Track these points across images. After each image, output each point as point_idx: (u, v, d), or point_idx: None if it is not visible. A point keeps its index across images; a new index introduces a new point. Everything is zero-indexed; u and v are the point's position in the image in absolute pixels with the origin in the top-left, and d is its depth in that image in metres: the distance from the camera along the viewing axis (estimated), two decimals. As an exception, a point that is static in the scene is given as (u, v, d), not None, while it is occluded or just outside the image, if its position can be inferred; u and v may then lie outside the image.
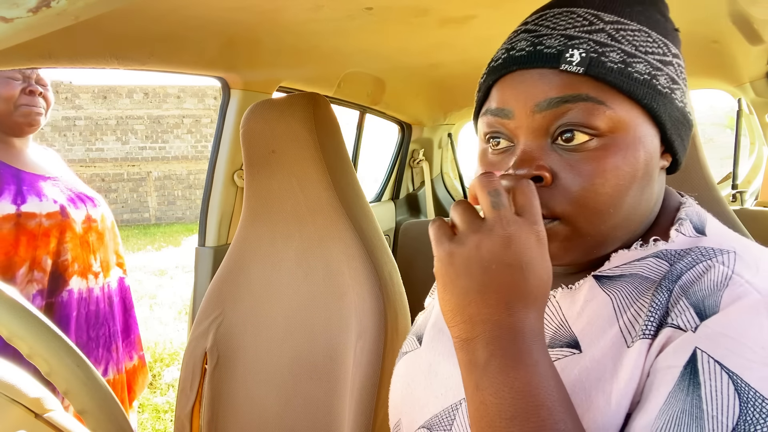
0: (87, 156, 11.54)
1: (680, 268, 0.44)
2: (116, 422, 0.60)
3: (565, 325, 0.48)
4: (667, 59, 0.47)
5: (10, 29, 0.39)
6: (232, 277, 1.16)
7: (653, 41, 0.46)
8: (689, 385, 0.37)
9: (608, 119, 0.44)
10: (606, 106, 0.44)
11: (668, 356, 0.40)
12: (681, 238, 0.47)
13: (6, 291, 0.59)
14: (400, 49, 1.46)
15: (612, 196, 0.44)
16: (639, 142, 0.45)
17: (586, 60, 0.44)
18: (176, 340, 3.89)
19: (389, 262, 1.07)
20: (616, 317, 0.44)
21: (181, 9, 0.96)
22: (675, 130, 0.48)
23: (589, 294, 0.48)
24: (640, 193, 0.46)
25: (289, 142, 1.07)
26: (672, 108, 0.47)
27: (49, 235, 1.27)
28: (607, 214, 0.45)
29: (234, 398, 1.13)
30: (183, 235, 9.64)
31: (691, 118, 0.50)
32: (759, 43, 1.41)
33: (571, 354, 0.45)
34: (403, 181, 2.71)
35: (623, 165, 0.44)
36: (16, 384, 0.59)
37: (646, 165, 0.46)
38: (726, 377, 0.36)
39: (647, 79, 0.45)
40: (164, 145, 11.85)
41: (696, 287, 0.41)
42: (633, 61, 0.45)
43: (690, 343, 0.39)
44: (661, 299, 0.42)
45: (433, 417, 0.54)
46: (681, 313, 0.40)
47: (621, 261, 0.48)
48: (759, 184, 2.26)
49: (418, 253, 2.22)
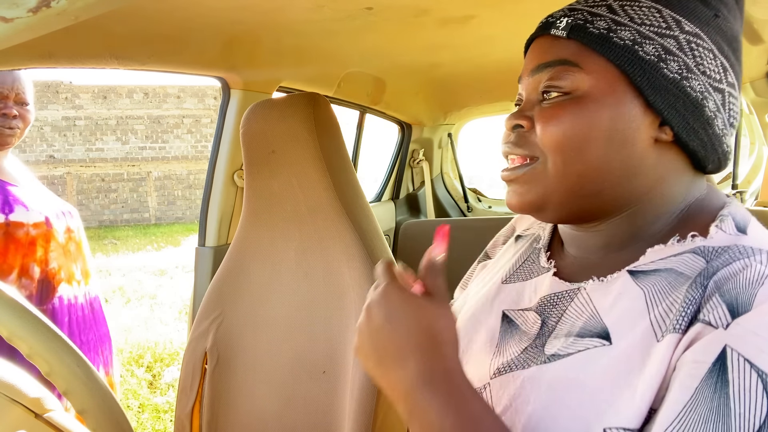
0: (87, 156, 11.54)
1: (717, 265, 0.44)
2: (116, 422, 0.60)
3: (596, 316, 0.48)
4: (668, 32, 0.48)
5: (10, 29, 0.39)
6: (232, 277, 1.16)
7: (659, 16, 0.48)
8: (717, 382, 0.37)
9: (575, 80, 0.50)
10: (578, 67, 0.50)
11: (697, 352, 0.40)
12: (720, 235, 0.47)
13: (6, 291, 0.59)
14: (400, 49, 1.46)
15: (571, 138, 0.49)
16: (607, 101, 0.49)
17: (569, 26, 0.51)
18: (176, 340, 3.89)
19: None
20: (647, 310, 0.45)
21: (181, 9, 0.96)
22: (663, 100, 0.48)
23: (622, 288, 0.48)
24: (610, 149, 0.49)
25: (289, 142, 1.07)
26: (657, 76, 0.48)
27: (36, 243, 1.31)
28: (570, 158, 0.50)
29: (234, 398, 1.13)
30: (183, 235, 9.64)
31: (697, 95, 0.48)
32: (759, 43, 1.41)
33: (601, 345, 0.45)
34: (403, 181, 2.71)
35: (583, 113, 0.49)
36: (16, 384, 0.59)
37: (612, 123, 0.49)
38: (755, 376, 0.36)
39: (629, 45, 0.48)
40: (164, 145, 11.85)
41: (731, 284, 0.41)
42: (619, 28, 0.49)
43: (720, 340, 0.39)
44: (695, 295, 0.42)
45: None
46: (713, 309, 0.40)
47: (657, 256, 0.48)
48: (759, 184, 2.26)
49: (418, 253, 2.21)
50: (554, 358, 0.48)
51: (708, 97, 0.48)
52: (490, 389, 0.52)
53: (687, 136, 0.49)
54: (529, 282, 0.59)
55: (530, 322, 0.54)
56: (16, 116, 1.34)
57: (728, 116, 0.50)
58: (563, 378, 0.46)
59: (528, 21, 1.27)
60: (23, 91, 1.35)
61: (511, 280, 0.61)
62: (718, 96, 0.49)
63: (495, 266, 0.69)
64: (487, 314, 0.60)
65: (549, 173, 0.51)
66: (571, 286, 0.53)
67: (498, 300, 0.60)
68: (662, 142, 0.50)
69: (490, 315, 0.59)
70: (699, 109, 0.48)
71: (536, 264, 0.60)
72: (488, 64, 1.71)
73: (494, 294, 0.61)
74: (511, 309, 0.58)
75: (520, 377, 0.49)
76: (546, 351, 0.50)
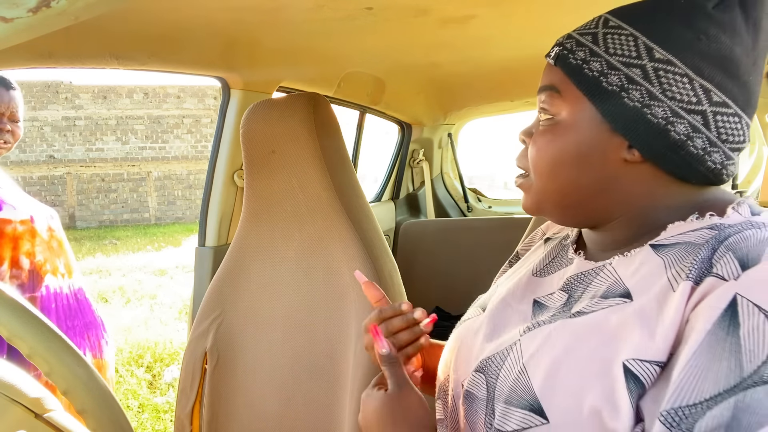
0: (87, 156, 11.54)
1: (728, 232, 0.48)
2: (116, 422, 0.60)
3: (620, 282, 0.52)
4: (636, 62, 0.52)
5: (10, 29, 0.39)
6: (232, 277, 1.16)
7: (634, 45, 0.52)
8: (729, 325, 0.41)
9: (555, 105, 0.56)
10: (559, 94, 0.56)
11: (711, 300, 0.44)
12: (736, 215, 0.51)
13: (6, 291, 0.59)
14: (400, 49, 1.46)
15: (545, 162, 0.57)
16: (575, 127, 0.55)
17: (556, 55, 0.57)
18: (176, 340, 3.89)
19: (389, 262, 1.07)
20: (665, 271, 0.49)
21: (181, 9, 0.96)
22: (624, 127, 0.53)
23: (644, 258, 0.52)
24: (579, 170, 0.56)
25: (289, 142, 1.07)
26: (618, 106, 0.52)
27: (23, 238, 1.45)
28: (545, 178, 0.58)
29: (234, 398, 1.13)
30: (183, 235, 9.65)
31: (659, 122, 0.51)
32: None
33: (623, 302, 0.50)
34: (403, 181, 2.71)
35: (555, 140, 0.56)
36: (16, 384, 0.59)
37: (579, 147, 0.55)
38: (763, 317, 0.40)
39: (595, 76, 0.53)
40: (164, 145, 11.85)
41: (742, 244, 0.46)
42: (592, 59, 0.54)
43: (731, 289, 0.43)
44: (704, 253, 0.47)
45: (485, 359, 0.58)
46: (726, 265, 0.45)
47: (676, 231, 0.52)
48: (759, 184, 2.26)
49: (418, 253, 2.22)
50: (579, 314, 0.52)
51: (676, 122, 0.51)
52: (520, 344, 0.55)
53: (654, 159, 0.53)
54: (557, 273, 0.63)
55: (556, 298, 0.59)
56: (9, 131, 1.49)
57: (717, 134, 0.52)
58: (585, 325, 0.51)
59: (528, 21, 1.27)
60: (17, 109, 1.50)
61: (541, 273, 0.65)
62: (696, 117, 0.51)
63: (524, 263, 0.73)
64: (518, 301, 0.63)
65: (535, 187, 0.60)
66: (597, 264, 0.58)
67: (529, 290, 0.64)
68: (633, 162, 0.54)
69: (522, 302, 0.63)
70: (663, 134, 0.51)
71: (564, 258, 0.64)
72: (488, 64, 1.71)
73: (525, 284, 0.65)
74: (541, 296, 0.62)
75: (548, 329, 0.54)
76: (572, 310, 0.54)
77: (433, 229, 2.30)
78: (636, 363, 0.45)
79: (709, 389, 0.40)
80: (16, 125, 1.51)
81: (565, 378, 0.48)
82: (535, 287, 0.63)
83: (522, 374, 0.52)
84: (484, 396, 0.56)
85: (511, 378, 0.53)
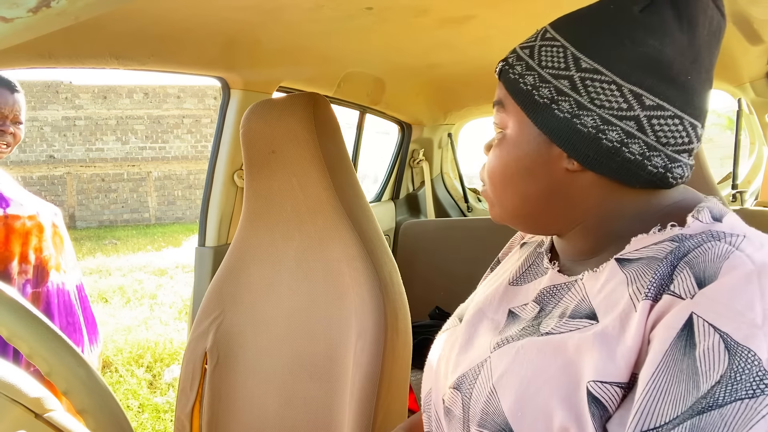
0: (87, 156, 11.54)
1: (688, 245, 0.47)
2: (116, 422, 0.60)
3: (586, 299, 0.52)
4: (564, 73, 0.52)
5: (10, 29, 0.39)
6: (232, 277, 1.16)
7: (563, 56, 0.53)
8: (686, 346, 0.42)
9: (502, 119, 0.58)
10: (504, 109, 0.58)
11: (668, 320, 0.44)
12: (697, 224, 0.50)
13: (6, 291, 0.59)
14: (400, 49, 1.46)
15: (496, 176, 0.59)
16: (518, 141, 0.56)
17: (499, 70, 0.59)
18: (176, 340, 3.89)
19: (389, 262, 1.07)
20: (626, 288, 0.49)
21: (181, 9, 0.96)
22: (558, 138, 0.53)
23: (609, 274, 0.52)
24: (523, 182, 0.57)
25: (289, 142, 1.07)
26: (550, 117, 0.53)
27: (31, 233, 1.48)
28: (498, 189, 0.59)
29: (234, 398, 1.13)
30: (183, 235, 9.64)
31: (589, 131, 0.51)
32: (759, 43, 1.41)
33: (589, 324, 0.50)
34: (403, 181, 2.71)
35: (501, 154, 0.58)
36: (16, 384, 0.59)
37: (520, 159, 0.56)
38: (717, 337, 0.40)
39: (528, 89, 0.54)
40: (164, 145, 11.85)
41: (699, 260, 0.45)
42: (526, 73, 0.55)
43: (687, 308, 0.43)
44: (663, 269, 0.47)
45: (460, 376, 0.58)
46: (682, 282, 0.45)
47: (640, 245, 0.52)
48: (759, 184, 2.26)
49: (418, 253, 2.22)
50: (547, 335, 0.52)
51: (607, 129, 0.51)
52: (489, 362, 0.55)
53: (591, 167, 0.53)
54: (533, 283, 0.63)
55: (529, 310, 0.59)
56: (11, 134, 1.51)
57: (655, 138, 0.51)
58: (551, 344, 0.51)
59: (528, 21, 1.27)
60: (20, 111, 1.51)
61: (517, 282, 0.65)
62: (629, 123, 0.50)
63: (501, 269, 0.72)
64: (494, 311, 0.63)
65: (492, 199, 0.61)
66: (569, 278, 0.57)
67: (505, 299, 0.64)
68: (574, 171, 0.54)
69: (497, 312, 0.63)
70: (595, 142, 0.51)
71: (540, 267, 0.64)
72: (488, 64, 1.71)
73: (501, 294, 0.65)
74: (516, 306, 0.62)
75: (515, 347, 0.54)
76: (540, 329, 0.54)
77: (433, 229, 2.30)
78: (597, 385, 0.45)
79: (668, 412, 0.40)
80: (18, 127, 1.53)
81: (534, 399, 0.48)
82: (512, 297, 0.64)
83: (492, 395, 0.52)
84: (461, 415, 0.56)
85: (482, 399, 0.53)
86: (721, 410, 0.38)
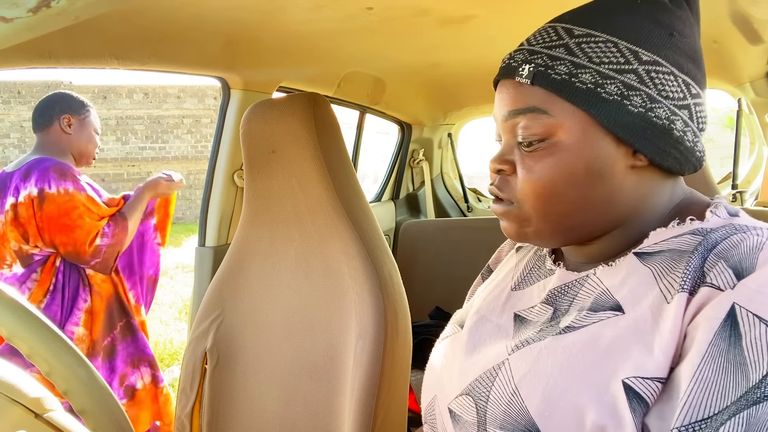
0: (87, 156, 11.52)
1: (715, 237, 0.47)
2: (116, 422, 0.60)
3: (608, 293, 0.51)
4: (627, 67, 0.51)
5: (10, 29, 0.39)
6: (232, 277, 1.16)
7: (617, 51, 0.51)
8: (730, 336, 0.41)
9: (547, 126, 0.52)
10: (548, 114, 0.52)
11: (708, 311, 0.43)
12: (715, 218, 0.51)
13: (6, 291, 0.59)
14: (400, 49, 1.46)
15: (549, 187, 0.53)
16: (579, 145, 0.52)
17: (532, 73, 0.53)
18: (176, 340, 3.89)
19: (389, 262, 1.07)
20: (656, 282, 0.48)
21: (181, 9, 0.96)
22: (632, 134, 0.51)
23: (630, 268, 0.51)
24: (590, 188, 0.52)
25: (289, 142, 1.07)
26: (622, 114, 0.50)
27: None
28: (550, 204, 0.53)
29: (234, 398, 1.13)
30: (183, 235, 9.63)
31: (663, 123, 0.51)
32: (759, 43, 1.41)
33: (615, 315, 0.49)
34: (403, 181, 2.71)
35: (559, 163, 0.52)
36: (16, 384, 0.59)
37: (588, 165, 0.52)
38: (764, 327, 0.40)
39: (591, 88, 0.51)
40: (164, 145, 11.85)
41: (733, 252, 0.45)
42: (579, 71, 0.51)
43: (729, 299, 0.42)
44: (695, 262, 0.46)
45: (472, 382, 0.56)
46: (719, 274, 0.44)
47: (659, 238, 0.52)
48: (759, 184, 2.26)
49: (418, 253, 2.22)
50: (569, 329, 0.51)
51: (675, 119, 0.51)
52: (509, 364, 0.54)
53: (661, 159, 0.52)
54: (537, 285, 0.61)
55: (539, 312, 0.57)
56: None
57: (697, 125, 0.53)
58: (578, 342, 0.49)
59: (528, 21, 1.27)
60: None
61: (520, 287, 0.64)
62: (685, 113, 0.52)
63: (499, 275, 0.71)
64: (498, 315, 0.62)
65: (531, 215, 0.55)
66: (579, 274, 0.56)
67: (509, 305, 0.62)
68: (639, 166, 0.53)
69: (501, 316, 0.61)
70: (668, 133, 0.51)
71: (543, 269, 0.63)
72: (488, 64, 1.71)
73: (504, 300, 0.63)
74: (522, 309, 0.60)
75: (537, 348, 0.52)
76: (560, 325, 0.53)
77: (433, 229, 2.30)
78: (638, 381, 0.44)
79: (718, 403, 0.40)
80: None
81: (563, 398, 0.47)
82: (515, 301, 0.62)
83: (515, 396, 0.50)
84: (474, 420, 0.54)
85: (503, 401, 0.51)
86: None
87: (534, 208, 0.55)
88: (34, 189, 1.60)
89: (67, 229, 1.63)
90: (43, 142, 1.77)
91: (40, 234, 1.62)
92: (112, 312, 1.76)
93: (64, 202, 1.63)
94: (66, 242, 1.64)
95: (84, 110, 1.83)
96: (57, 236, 1.63)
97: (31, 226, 1.61)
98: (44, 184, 1.61)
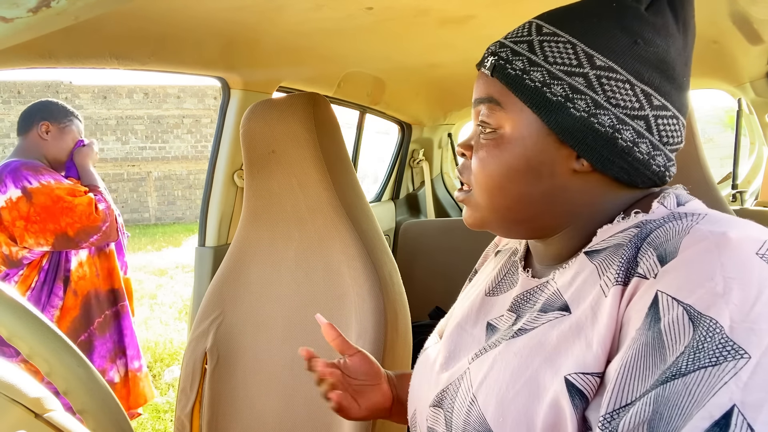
0: (87, 156, 11.52)
1: (650, 227, 0.48)
2: (116, 422, 0.60)
3: (557, 293, 0.52)
4: (578, 70, 0.50)
5: (10, 29, 0.39)
6: (232, 278, 1.16)
7: (573, 53, 0.51)
8: (651, 321, 0.42)
9: (498, 118, 0.54)
10: (500, 107, 0.54)
11: (636, 303, 0.44)
12: (661, 209, 0.51)
13: (6, 291, 0.59)
14: (400, 49, 1.46)
15: (492, 178, 0.55)
16: (521, 140, 0.53)
17: (492, 65, 0.55)
18: (176, 340, 3.89)
19: (389, 262, 1.07)
20: (599, 278, 0.49)
21: (181, 9, 0.96)
22: (573, 138, 0.51)
23: (579, 267, 0.52)
24: (530, 185, 0.53)
25: (289, 142, 1.07)
26: (564, 116, 0.51)
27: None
28: (493, 194, 0.55)
29: (234, 398, 1.13)
30: (183, 235, 9.64)
31: (607, 130, 0.50)
32: (759, 43, 1.41)
33: (562, 315, 0.49)
34: (403, 181, 2.71)
35: (502, 156, 0.54)
36: (16, 384, 0.59)
37: (529, 162, 0.53)
38: (681, 309, 0.40)
39: (538, 86, 0.51)
40: (164, 145, 11.85)
41: (661, 238, 0.45)
42: (532, 69, 0.52)
43: (652, 288, 0.43)
44: (629, 253, 0.47)
45: (440, 393, 0.57)
46: (646, 262, 0.45)
47: (606, 235, 0.52)
48: (759, 184, 2.26)
49: (418, 253, 2.22)
50: (521, 332, 0.52)
51: (622, 129, 0.50)
52: (469, 373, 0.55)
53: (603, 167, 0.52)
54: (508, 293, 0.62)
55: (506, 320, 0.58)
56: None
57: (659, 137, 0.51)
58: (528, 344, 0.50)
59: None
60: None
61: (493, 292, 0.64)
62: (640, 123, 0.50)
63: (478, 279, 0.71)
64: (473, 325, 0.62)
65: (480, 204, 0.57)
66: (540, 281, 0.57)
67: (483, 312, 0.63)
68: (582, 171, 0.53)
69: (476, 326, 0.62)
70: (611, 142, 0.50)
71: (515, 276, 0.63)
72: (488, 64, 1.71)
73: (479, 306, 0.64)
74: (493, 318, 0.61)
75: (493, 354, 0.53)
76: (514, 328, 0.53)
77: (433, 229, 2.30)
78: (578, 376, 0.44)
79: (639, 388, 0.40)
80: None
81: (513, 402, 0.48)
82: (489, 309, 0.62)
83: (473, 405, 0.51)
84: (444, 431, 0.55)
85: (464, 411, 0.52)
86: (684, 379, 0.38)
87: (481, 198, 0.57)
88: (15, 190, 1.61)
89: (68, 210, 1.67)
90: (21, 146, 1.81)
91: (35, 231, 1.63)
92: (89, 309, 1.78)
93: (52, 191, 1.66)
94: (73, 221, 1.67)
95: (66, 119, 1.86)
96: (61, 220, 1.65)
97: (17, 227, 1.62)
98: (23, 182, 1.63)
